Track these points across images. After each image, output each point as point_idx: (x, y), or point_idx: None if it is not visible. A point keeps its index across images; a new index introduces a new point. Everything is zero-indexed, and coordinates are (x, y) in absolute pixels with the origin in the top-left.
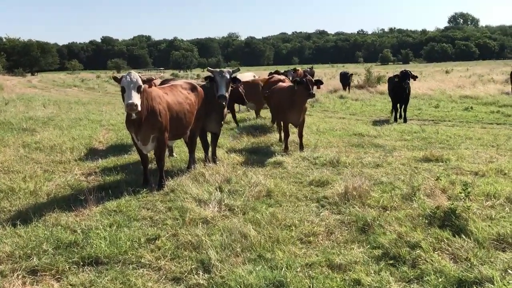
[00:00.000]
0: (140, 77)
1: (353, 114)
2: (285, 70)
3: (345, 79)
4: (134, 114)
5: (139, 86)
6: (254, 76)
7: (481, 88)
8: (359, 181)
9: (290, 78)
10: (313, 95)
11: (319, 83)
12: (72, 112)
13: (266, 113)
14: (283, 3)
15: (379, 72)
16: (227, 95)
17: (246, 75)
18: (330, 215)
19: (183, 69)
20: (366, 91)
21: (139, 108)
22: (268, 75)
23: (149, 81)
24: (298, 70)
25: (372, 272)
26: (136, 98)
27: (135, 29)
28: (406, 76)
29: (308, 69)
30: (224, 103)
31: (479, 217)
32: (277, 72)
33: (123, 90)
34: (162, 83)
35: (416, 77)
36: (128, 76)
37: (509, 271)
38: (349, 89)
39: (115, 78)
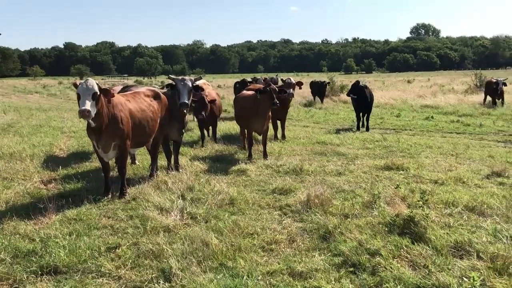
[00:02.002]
0: (97, 84)
1: (316, 123)
2: (253, 78)
3: (319, 88)
4: (92, 122)
5: (94, 93)
6: (209, 84)
7: (441, 98)
8: (321, 189)
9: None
10: (276, 104)
11: (300, 84)
12: (33, 119)
13: (229, 122)
14: (248, 11)
15: (343, 81)
16: (189, 103)
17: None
18: (292, 223)
19: (147, 76)
20: (330, 99)
21: (92, 115)
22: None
23: (107, 92)
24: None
25: (333, 279)
26: (89, 105)
27: (99, 35)
28: (354, 88)
29: (274, 78)
30: (185, 111)
31: (438, 224)
32: (243, 81)
33: (78, 97)
34: (122, 89)
35: (365, 86)
36: (84, 83)
37: (465, 279)
38: (322, 99)
39: (75, 85)
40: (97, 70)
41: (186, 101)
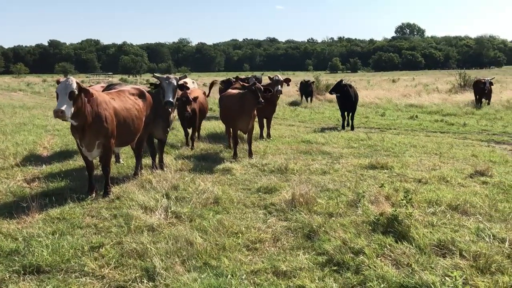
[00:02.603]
0: (78, 83)
1: (302, 122)
2: (246, 76)
3: (306, 88)
4: (73, 121)
5: (71, 92)
6: (193, 82)
7: (426, 97)
8: (306, 188)
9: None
10: (261, 103)
11: (287, 81)
12: (17, 117)
13: (213, 121)
14: (234, 10)
15: (328, 80)
16: (174, 101)
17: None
18: (277, 221)
19: (132, 74)
20: (315, 98)
21: (67, 115)
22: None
23: (86, 91)
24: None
25: (317, 278)
26: (64, 105)
27: (83, 33)
28: (337, 86)
29: (259, 76)
30: (170, 109)
31: (421, 223)
32: (229, 81)
33: (56, 96)
34: (107, 88)
35: (350, 85)
36: (63, 82)
37: (447, 278)
38: (311, 99)
39: (58, 82)
40: (82, 68)
41: (171, 100)
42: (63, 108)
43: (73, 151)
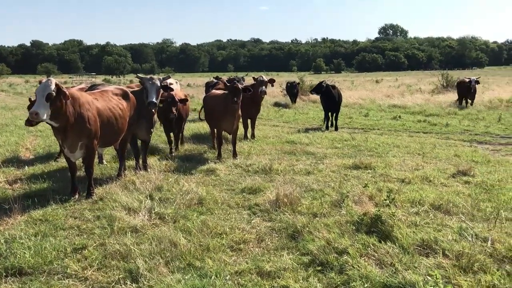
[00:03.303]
0: (57, 85)
1: (286, 122)
2: (215, 77)
3: (292, 89)
4: (53, 122)
5: (48, 94)
6: (177, 83)
7: (409, 97)
8: (290, 188)
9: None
10: (236, 103)
11: (272, 81)
12: None
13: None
14: (218, 10)
15: (312, 80)
16: (157, 102)
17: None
18: (261, 222)
19: (116, 75)
20: (299, 99)
21: (42, 117)
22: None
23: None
24: (221, 78)
25: (301, 278)
26: (40, 107)
27: (66, 33)
28: (319, 87)
29: (241, 77)
30: (154, 110)
31: (404, 223)
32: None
33: (35, 97)
34: (90, 88)
35: (334, 86)
36: (42, 84)
37: (430, 277)
38: (295, 100)
39: (40, 83)
40: (65, 68)
41: (155, 100)
42: (38, 110)
43: (56, 152)
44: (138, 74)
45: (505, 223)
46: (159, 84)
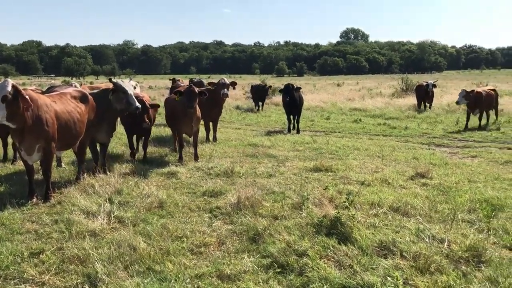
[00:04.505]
0: (14, 86)
1: (248, 125)
2: (171, 79)
3: (260, 92)
4: (10, 124)
5: (4, 96)
6: (137, 85)
7: (369, 101)
8: (252, 191)
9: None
10: (191, 107)
11: (233, 84)
12: None
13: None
14: (180, 12)
15: (274, 83)
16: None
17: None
18: (222, 225)
19: (76, 76)
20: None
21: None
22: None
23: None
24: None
25: (261, 281)
26: None
27: (25, 34)
28: (288, 90)
29: (196, 80)
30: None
31: (363, 225)
32: (175, 80)
33: None
34: (47, 90)
35: (299, 88)
36: None
37: (388, 278)
38: (262, 105)
39: None
40: (24, 69)
41: (139, 105)
42: None
43: (12, 155)
44: (111, 79)
45: (461, 224)
46: (133, 89)
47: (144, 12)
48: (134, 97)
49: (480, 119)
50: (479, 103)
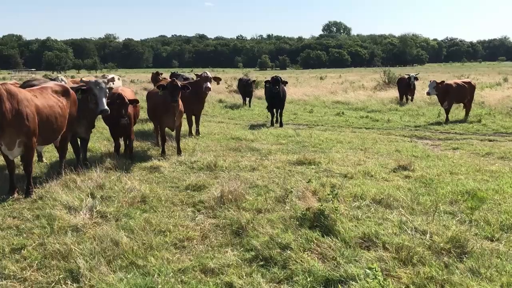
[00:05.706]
0: None
1: (231, 119)
2: (155, 72)
3: (245, 87)
4: None
5: None
6: (119, 79)
7: (352, 94)
8: (235, 185)
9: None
10: (174, 101)
11: (217, 79)
12: None
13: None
14: (162, 5)
15: (258, 77)
16: (108, 108)
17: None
18: (205, 219)
19: (57, 71)
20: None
21: None
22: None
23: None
24: (161, 73)
25: (244, 274)
26: None
27: (5, 28)
28: (277, 82)
29: (176, 73)
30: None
31: (346, 217)
32: (157, 74)
33: None
34: (24, 84)
35: (286, 82)
36: None
37: (367, 270)
38: (250, 101)
39: None
40: (4, 64)
41: (106, 107)
42: None
43: None
44: (82, 79)
45: (443, 216)
46: (106, 88)
47: (125, 6)
48: (104, 99)
49: (447, 112)
50: (448, 95)
